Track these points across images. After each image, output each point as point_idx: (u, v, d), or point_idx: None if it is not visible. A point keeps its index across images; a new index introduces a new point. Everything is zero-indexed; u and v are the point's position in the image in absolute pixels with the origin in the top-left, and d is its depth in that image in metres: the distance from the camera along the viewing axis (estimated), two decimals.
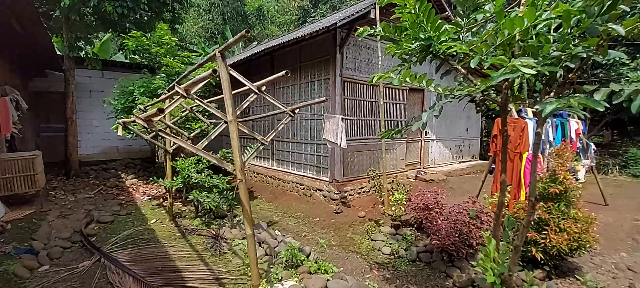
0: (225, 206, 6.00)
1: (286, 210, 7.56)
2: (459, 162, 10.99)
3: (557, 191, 3.62)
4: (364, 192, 7.76)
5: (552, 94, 2.28)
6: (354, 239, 5.64)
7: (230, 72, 3.09)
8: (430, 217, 4.87)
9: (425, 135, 9.68)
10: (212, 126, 6.24)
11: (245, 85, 3.35)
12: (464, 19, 2.56)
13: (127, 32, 8.43)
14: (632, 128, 17.56)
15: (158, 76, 8.02)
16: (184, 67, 7.92)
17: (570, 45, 2.12)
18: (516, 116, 5.32)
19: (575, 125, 6.72)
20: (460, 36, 2.57)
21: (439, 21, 2.51)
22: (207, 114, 7.40)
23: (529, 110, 5.69)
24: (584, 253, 3.69)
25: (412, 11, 2.48)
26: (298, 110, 3.62)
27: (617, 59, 9.31)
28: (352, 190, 7.45)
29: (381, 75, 2.42)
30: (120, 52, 14.01)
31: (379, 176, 6.78)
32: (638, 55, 12.78)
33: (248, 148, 5.77)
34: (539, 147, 2.36)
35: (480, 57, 2.15)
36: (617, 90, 1.77)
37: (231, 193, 6.13)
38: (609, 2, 1.68)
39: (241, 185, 2.97)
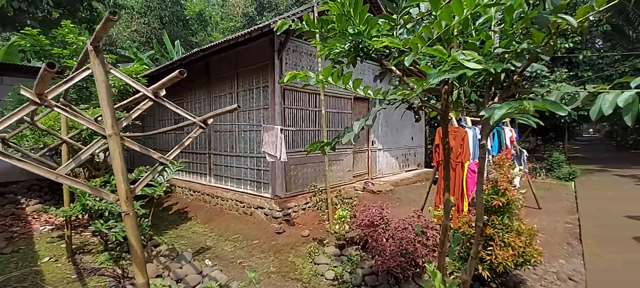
0: (142, 236, 5.05)
1: (223, 232, 6.76)
2: (406, 171, 11.03)
3: (500, 204, 3.43)
4: (309, 207, 7.24)
5: (496, 99, 1.96)
6: (296, 263, 5.06)
7: (115, 72, 2.38)
8: (375, 235, 4.50)
9: (372, 144, 9.52)
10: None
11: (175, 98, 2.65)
12: (398, 13, 2.18)
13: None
14: (553, 134, 19.55)
15: None
16: None
17: (514, 42, 1.83)
18: (456, 125, 5.22)
19: (509, 133, 6.93)
20: (394, 32, 2.18)
21: (369, 14, 2.09)
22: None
23: (468, 119, 5.67)
24: (528, 267, 3.53)
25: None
26: (211, 120, 2.99)
27: (539, 72, 9.99)
28: (296, 206, 6.89)
29: (294, 74, 1.92)
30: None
31: (322, 191, 6.30)
32: (556, 69, 14.17)
33: (166, 168, 4.93)
34: (485, 161, 2.04)
35: (416, 54, 1.76)
36: (571, 94, 1.45)
37: (146, 219, 5.21)
38: None
39: (127, 220, 2.24)
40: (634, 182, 10.33)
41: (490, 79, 1.97)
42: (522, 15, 1.69)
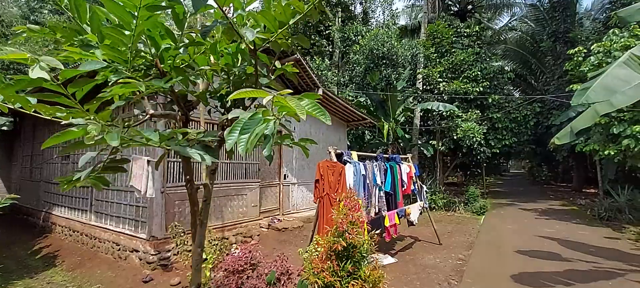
0: None
1: (85, 282, 5.69)
2: None
3: (340, 247, 3.09)
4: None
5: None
6: None
7: None
8: (237, 283, 3.94)
9: (285, 178, 9.10)
10: None
11: None
12: None
13: None
14: (476, 171, 20.93)
15: None
16: None
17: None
18: (335, 159, 5.00)
19: (406, 169, 6.95)
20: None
21: None
22: None
23: (354, 154, 5.51)
24: None
25: None
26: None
27: (454, 111, 10.45)
28: (176, 248, 6.06)
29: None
30: None
31: (184, 233, 5.58)
32: (469, 109, 15.31)
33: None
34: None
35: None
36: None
37: None
38: None
39: None
40: (534, 216, 11.06)
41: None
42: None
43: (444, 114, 14.48)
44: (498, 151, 16.05)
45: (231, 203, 7.31)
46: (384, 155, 6.69)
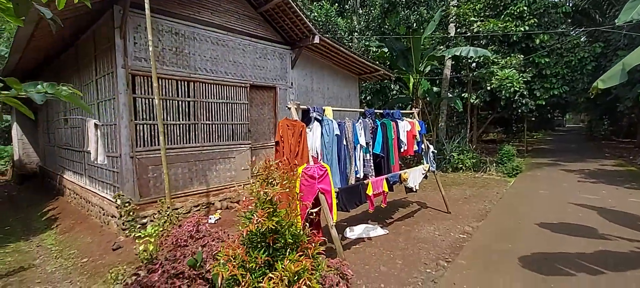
0: None
1: (68, 246, 5.76)
2: None
3: (247, 232, 2.39)
4: (180, 214, 6.18)
5: None
6: None
7: None
8: (173, 259, 3.47)
9: None
10: None
11: None
12: None
13: None
14: (517, 126, 18.63)
15: None
16: None
17: None
18: (295, 116, 4.15)
19: (406, 127, 5.89)
20: None
21: None
22: None
23: (328, 110, 4.59)
24: None
25: None
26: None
27: (487, 56, 8.78)
28: (154, 215, 5.82)
29: None
30: None
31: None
32: (512, 54, 13.12)
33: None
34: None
35: None
36: None
37: None
38: None
39: None
40: (577, 178, 9.41)
41: None
42: None
43: (476, 61, 12.56)
44: (544, 103, 13.85)
45: (216, 167, 6.88)
46: (377, 111, 5.67)
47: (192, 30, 6.38)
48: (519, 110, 13.67)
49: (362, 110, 5.73)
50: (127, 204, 5.54)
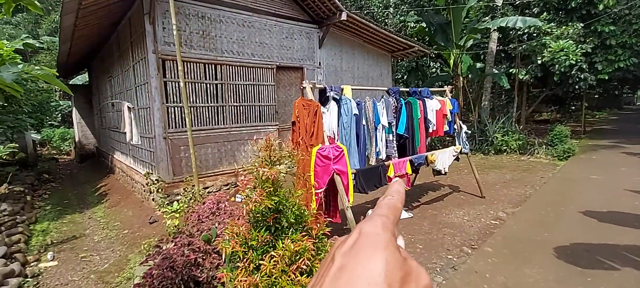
0: None
1: (113, 219, 6.35)
2: None
3: (247, 210, 2.41)
4: (210, 192, 6.51)
5: None
6: (130, 261, 4.45)
7: None
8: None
9: None
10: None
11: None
12: None
13: None
14: (574, 104, 16.75)
15: None
16: None
17: None
18: (310, 96, 4.07)
19: (436, 105, 5.54)
20: None
21: None
22: None
23: (347, 89, 4.44)
24: None
25: None
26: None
27: (539, 26, 7.95)
28: (186, 192, 6.16)
29: None
30: None
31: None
32: (570, 23, 11.68)
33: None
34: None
35: None
36: None
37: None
38: None
39: None
40: None
41: None
42: None
43: (526, 32, 11.36)
44: (607, 77, 12.26)
45: (245, 148, 7.07)
46: (403, 90, 5.40)
47: (218, 12, 6.47)
48: (576, 87, 12.23)
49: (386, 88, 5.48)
50: (156, 182, 5.93)
